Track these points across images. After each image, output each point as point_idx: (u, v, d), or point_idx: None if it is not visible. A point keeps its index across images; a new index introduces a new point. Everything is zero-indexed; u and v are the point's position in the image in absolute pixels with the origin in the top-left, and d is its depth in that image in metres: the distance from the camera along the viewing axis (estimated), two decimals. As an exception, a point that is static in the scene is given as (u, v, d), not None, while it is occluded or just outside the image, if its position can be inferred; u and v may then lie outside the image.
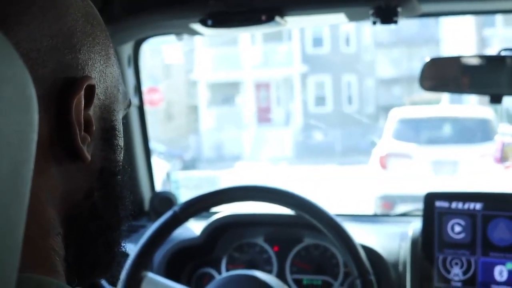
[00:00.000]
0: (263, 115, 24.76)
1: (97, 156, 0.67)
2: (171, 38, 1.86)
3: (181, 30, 1.70)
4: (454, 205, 1.64)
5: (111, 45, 0.72)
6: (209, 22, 1.51)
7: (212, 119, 24.22)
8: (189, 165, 17.59)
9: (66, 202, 0.64)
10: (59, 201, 0.63)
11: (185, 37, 1.83)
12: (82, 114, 0.63)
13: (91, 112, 0.65)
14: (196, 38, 1.59)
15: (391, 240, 1.81)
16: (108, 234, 0.70)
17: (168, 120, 22.70)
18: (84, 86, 0.62)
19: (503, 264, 1.60)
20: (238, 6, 1.49)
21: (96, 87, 0.65)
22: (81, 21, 0.65)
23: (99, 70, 0.67)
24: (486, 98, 1.59)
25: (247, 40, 24.03)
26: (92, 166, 0.66)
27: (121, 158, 0.73)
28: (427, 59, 1.61)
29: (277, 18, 1.51)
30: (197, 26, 1.58)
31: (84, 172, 0.66)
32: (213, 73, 24.70)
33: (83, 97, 0.62)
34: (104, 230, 0.69)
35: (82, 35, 0.65)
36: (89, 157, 0.64)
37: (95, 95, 0.65)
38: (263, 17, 1.48)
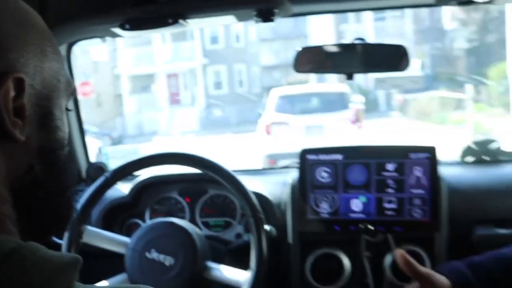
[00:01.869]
0: (174, 98, 24.71)
1: (34, 136, 0.64)
2: (97, 40, 1.82)
3: (105, 33, 1.66)
4: (321, 157, 1.67)
5: (48, 44, 0.68)
6: (127, 26, 1.49)
7: (133, 104, 24.02)
8: (116, 141, 17.47)
9: (10, 176, 0.62)
10: (4, 175, 0.61)
11: (108, 39, 1.80)
12: (11, 102, 0.60)
13: (25, 100, 0.62)
14: (118, 39, 1.58)
15: (275, 187, 1.84)
16: (54, 200, 0.67)
17: (98, 106, 22.39)
18: (11, 79, 0.60)
19: (357, 198, 1.64)
20: (150, 12, 1.48)
21: (31, 79, 0.63)
22: (13, 25, 0.63)
23: (34, 66, 0.64)
24: (343, 76, 1.63)
25: (159, 40, 23.86)
26: (30, 145, 0.64)
27: (62, 136, 0.70)
28: (299, 48, 1.63)
29: (181, 21, 1.50)
30: (118, 30, 1.55)
31: (23, 150, 0.63)
32: (133, 68, 24.44)
33: (11, 88, 0.60)
34: (50, 197, 0.67)
35: (14, 38, 0.62)
36: (22, 138, 0.61)
37: (29, 86, 0.62)
38: (170, 21, 1.48)
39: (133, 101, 24.29)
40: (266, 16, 1.51)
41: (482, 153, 1.92)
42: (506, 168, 1.88)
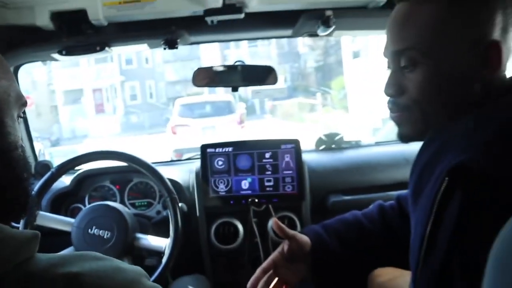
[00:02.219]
0: (99, 108, 23.75)
1: None
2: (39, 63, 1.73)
3: (46, 58, 1.58)
4: (217, 149, 1.69)
5: None
6: (64, 52, 1.43)
7: (67, 113, 22.82)
8: (54, 144, 16.52)
9: None
10: None
11: (47, 62, 1.71)
12: None
13: None
14: (54, 62, 1.49)
15: (184, 174, 1.83)
16: (12, 190, 0.63)
17: (38, 116, 21.12)
18: None
19: (246, 179, 1.67)
20: (81, 41, 1.42)
21: None
22: None
23: None
24: (229, 89, 1.64)
25: (85, 62, 22.85)
26: None
27: (14, 140, 0.65)
28: (196, 68, 1.63)
29: (107, 48, 1.46)
30: (56, 55, 1.48)
31: None
32: (65, 84, 23.25)
33: None
34: (8, 188, 0.62)
35: None
36: None
37: None
38: (98, 48, 1.44)
39: (67, 111, 23.10)
40: (171, 44, 1.51)
41: (331, 143, 2.01)
42: (347, 152, 1.97)
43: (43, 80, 22.58)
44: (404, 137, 0.89)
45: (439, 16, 0.79)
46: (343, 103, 15.97)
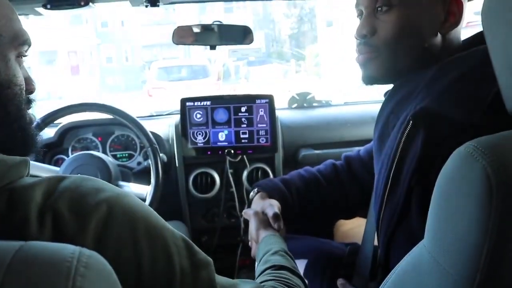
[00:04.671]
0: (75, 70, 23.11)
1: None
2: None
3: (29, 12, 1.54)
4: (196, 103, 1.72)
5: None
6: (48, 6, 1.40)
7: (42, 74, 22.11)
8: (29, 104, 16.02)
9: None
10: None
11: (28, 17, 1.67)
12: None
13: None
14: (27, 23, 1.43)
15: (164, 128, 1.86)
16: (5, 126, 0.63)
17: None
18: None
19: (222, 131, 1.72)
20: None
21: None
22: None
23: None
24: (204, 54, 1.66)
25: (60, 23, 22.03)
26: None
27: (6, 79, 0.63)
28: (177, 27, 1.63)
29: (90, 4, 1.45)
30: (40, 9, 1.45)
31: None
32: (39, 45, 22.44)
33: None
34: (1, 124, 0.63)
35: None
36: None
37: None
38: (82, 3, 1.42)
39: (42, 71, 22.33)
40: (153, 2, 1.48)
41: (302, 101, 2.06)
42: (318, 111, 2.03)
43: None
44: (368, 78, 0.95)
45: None
46: (316, 70, 15.97)
